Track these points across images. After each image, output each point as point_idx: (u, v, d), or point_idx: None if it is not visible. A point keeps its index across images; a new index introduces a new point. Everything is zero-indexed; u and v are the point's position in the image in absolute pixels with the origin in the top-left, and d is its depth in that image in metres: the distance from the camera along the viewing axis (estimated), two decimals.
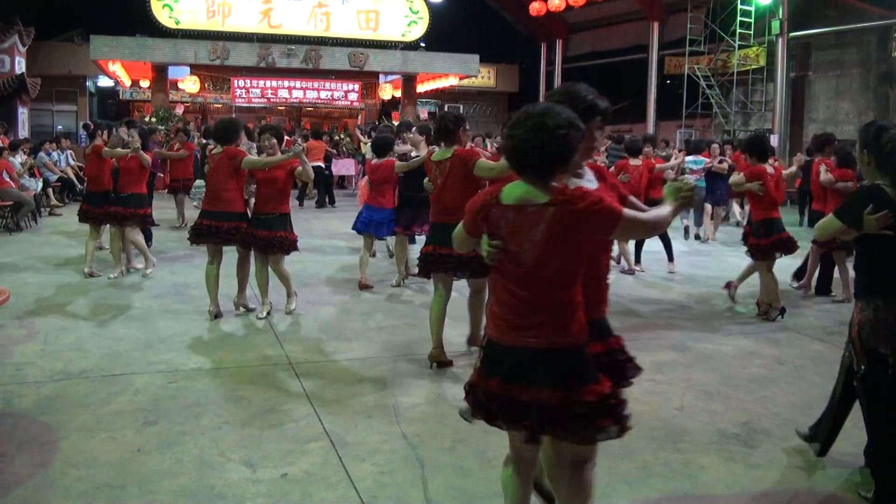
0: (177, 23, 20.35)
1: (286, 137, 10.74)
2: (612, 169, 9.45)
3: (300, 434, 4.40)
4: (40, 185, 14.98)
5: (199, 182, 10.92)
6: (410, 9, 22.25)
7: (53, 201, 15.86)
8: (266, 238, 6.94)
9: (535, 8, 25.78)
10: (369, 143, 11.02)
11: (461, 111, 30.18)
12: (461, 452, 4.18)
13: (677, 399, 5.13)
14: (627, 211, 2.74)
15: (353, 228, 8.91)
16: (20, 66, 21.75)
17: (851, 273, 8.43)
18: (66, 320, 6.89)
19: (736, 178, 7.85)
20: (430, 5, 22.43)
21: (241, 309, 7.29)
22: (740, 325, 7.25)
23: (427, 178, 6.44)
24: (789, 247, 7.41)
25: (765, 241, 7.36)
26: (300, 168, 6.86)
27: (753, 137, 8.35)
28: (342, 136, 23.52)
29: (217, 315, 7.04)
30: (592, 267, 2.86)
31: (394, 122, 22.15)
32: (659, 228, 2.94)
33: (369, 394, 5.13)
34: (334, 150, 20.99)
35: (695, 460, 4.15)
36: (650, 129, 24.08)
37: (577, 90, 2.94)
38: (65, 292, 8.01)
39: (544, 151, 2.60)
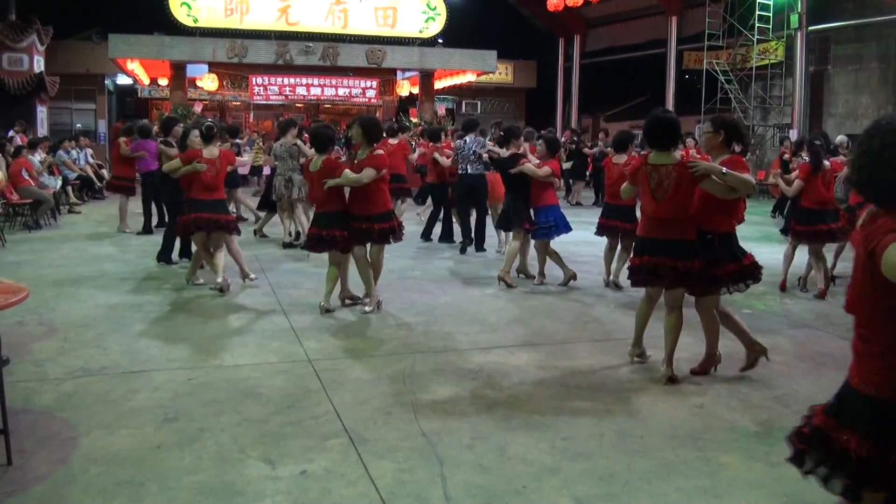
0: (195, 21, 20.44)
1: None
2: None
3: (319, 431, 4.40)
4: (59, 183, 15.09)
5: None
6: (428, 5, 22.22)
7: (73, 199, 16.00)
8: None
9: (553, 3, 25.68)
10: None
11: (478, 108, 30.24)
12: (480, 450, 4.16)
13: (697, 396, 5.10)
14: None
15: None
16: (39, 64, 21.91)
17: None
18: (85, 317, 6.92)
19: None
20: (447, 1, 22.39)
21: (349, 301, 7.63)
22: (759, 321, 7.17)
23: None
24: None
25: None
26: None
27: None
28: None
29: (328, 310, 7.23)
30: None
31: (412, 120, 22.17)
32: None
33: (388, 391, 5.12)
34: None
35: (715, 458, 4.11)
36: None
37: None
38: (84, 289, 8.05)
39: None
